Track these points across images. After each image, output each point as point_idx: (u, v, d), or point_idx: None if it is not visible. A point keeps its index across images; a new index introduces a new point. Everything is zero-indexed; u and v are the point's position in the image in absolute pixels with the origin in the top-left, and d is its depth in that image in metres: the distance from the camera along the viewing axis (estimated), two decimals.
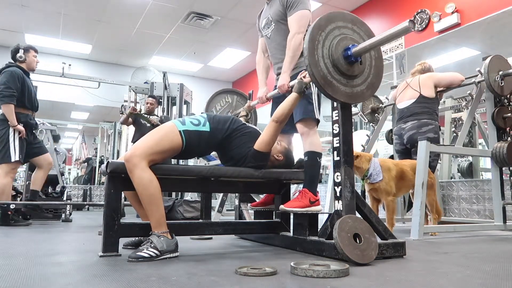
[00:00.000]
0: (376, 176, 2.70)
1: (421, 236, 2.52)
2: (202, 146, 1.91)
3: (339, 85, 1.67)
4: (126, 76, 7.22)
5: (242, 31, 6.79)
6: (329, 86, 1.64)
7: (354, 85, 1.72)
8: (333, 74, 1.66)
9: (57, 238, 2.61)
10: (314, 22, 1.68)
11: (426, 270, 1.45)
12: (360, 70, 1.73)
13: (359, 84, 1.74)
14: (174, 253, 1.71)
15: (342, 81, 1.68)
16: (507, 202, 2.99)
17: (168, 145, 1.79)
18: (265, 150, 1.92)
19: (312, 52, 1.62)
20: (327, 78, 1.64)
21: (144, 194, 1.68)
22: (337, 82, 1.66)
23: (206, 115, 1.98)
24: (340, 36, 1.70)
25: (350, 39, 1.71)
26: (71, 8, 6.07)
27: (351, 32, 1.75)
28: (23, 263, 1.54)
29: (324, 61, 1.65)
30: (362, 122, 5.47)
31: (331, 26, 1.70)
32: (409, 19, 1.45)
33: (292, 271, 1.34)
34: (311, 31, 1.64)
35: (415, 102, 3.18)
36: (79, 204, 6.13)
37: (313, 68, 1.61)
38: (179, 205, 4.06)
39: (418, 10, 4.91)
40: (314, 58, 1.62)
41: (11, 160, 3.41)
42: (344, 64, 1.68)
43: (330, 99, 1.72)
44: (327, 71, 1.64)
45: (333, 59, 1.66)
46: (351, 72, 1.69)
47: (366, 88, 1.76)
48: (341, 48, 1.68)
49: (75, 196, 7.21)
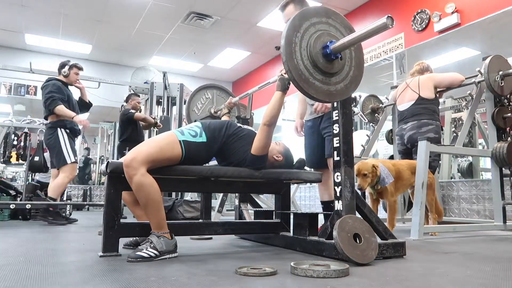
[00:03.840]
0: (387, 179, 2.68)
1: (421, 236, 2.52)
2: (201, 155, 1.89)
3: (322, 85, 1.61)
4: (126, 76, 7.22)
5: (242, 31, 6.79)
6: (312, 88, 1.58)
7: (337, 82, 1.66)
8: (315, 75, 1.60)
9: (57, 238, 2.61)
10: (288, 22, 1.60)
11: (426, 270, 1.45)
12: (341, 66, 1.67)
13: (342, 80, 1.68)
14: (174, 254, 1.71)
15: (324, 81, 1.62)
16: (507, 202, 2.99)
17: (169, 154, 1.78)
18: (261, 154, 1.91)
19: (290, 56, 1.55)
20: (309, 80, 1.58)
21: (145, 199, 1.67)
22: (319, 82, 1.61)
23: (201, 124, 1.96)
24: (316, 33, 1.62)
25: (327, 34, 1.65)
26: (71, 8, 6.07)
27: (327, 26, 1.68)
28: (23, 263, 1.54)
29: (304, 63, 1.58)
30: (362, 122, 5.47)
31: (306, 24, 1.62)
32: (387, 15, 1.40)
33: (292, 271, 1.34)
34: (286, 33, 1.56)
35: (415, 104, 3.19)
36: (79, 204, 6.14)
37: (294, 72, 1.55)
38: (179, 205, 4.06)
39: (418, 10, 4.91)
40: (293, 62, 1.55)
41: (67, 163, 3.63)
42: (325, 63, 1.61)
43: (314, 100, 1.68)
44: (308, 73, 1.58)
45: (312, 60, 1.59)
46: (332, 70, 1.64)
47: (350, 83, 1.70)
48: (319, 46, 1.61)
49: (75, 196, 7.22)
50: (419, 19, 4.89)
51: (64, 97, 3.68)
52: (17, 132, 5.08)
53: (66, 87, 3.85)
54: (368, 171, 2.61)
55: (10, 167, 11.05)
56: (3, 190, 4.44)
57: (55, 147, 3.63)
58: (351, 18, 6.01)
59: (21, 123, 5.20)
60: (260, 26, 6.48)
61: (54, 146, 3.64)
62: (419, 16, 4.90)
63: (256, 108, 5.78)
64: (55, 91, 3.64)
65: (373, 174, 2.63)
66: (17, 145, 4.99)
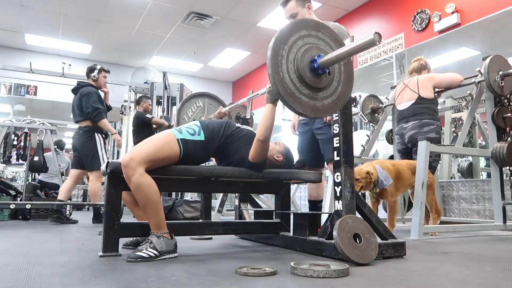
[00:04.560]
0: (385, 181, 2.68)
1: (421, 236, 2.52)
2: (199, 154, 1.88)
3: (308, 100, 1.57)
4: (126, 76, 7.22)
5: (242, 31, 6.78)
6: (298, 103, 1.54)
7: (324, 97, 1.62)
8: (301, 90, 1.56)
9: (57, 238, 2.61)
10: (275, 35, 1.56)
11: (426, 270, 1.45)
12: (329, 81, 1.63)
13: (330, 95, 1.64)
14: (173, 254, 1.71)
15: (311, 96, 1.58)
16: (507, 202, 2.99)
17: (168, 153, 1.77)
18: (259, 161, 1.90)
19: (276, 69, 1.51)
20: (295, 95, 1.54)
21: (144, 199, 1.67)
22: (306, 97, 1.56)
23: (200, 123, 1.95)
24: (304, 46, 1.58)
25: (316, 48, 1.61)
26: (71, 8, 6.07)
27: (316, 40, 1.64)
28: (23, 263, 1.54)
29: (290, 77, 1.54)
30: (362, 122, 5.47)
31: (294, 37, 1.58)
32: (375, 31, 1.38)
33: (292, 271, 1.34)
34: (273, 45, 1.52)
35: (415, 103, 3.19)
36: (79, 204, 6.14)
37: (279, 86, 1.51)
38: (179, 205, 4.06)
39: (418, 10, 4.91)
40: (279, 75, 1.51)
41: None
42: (312, 77, 1.57)
43: (299, 115, 1.65)
44: (294, 87, 1.54)
45: (299, 74, 1.55)
46: (319, 85, 1.59)
47: (338, 98, 1.66)
48: (306, 60, 1.57)
49: (75, 196, 7.21)
50: (419, 19, 4.89)
51: (104, 107, 3.85)
52: (17, 132, 5.08)
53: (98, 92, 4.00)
54: (361, 176, 2.60)
55: (10, 167, 11.05)
56: (3, 190, 4.44)
57: (92, 151, 3.72)
58: (351, 18, 6.01)
59: (21, 123, 5.19)
60: (260, 26, 6.48)
61: (90, 150, 3.72)
62: (419, 16, 4.90)
63: (256, 108, 5.77)
64: (98, 102, 3.77)
65: (366, 181, 2.62)
66: (17, 145, 4.98)
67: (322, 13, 5.88)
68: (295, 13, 2.45)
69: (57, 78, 6.00)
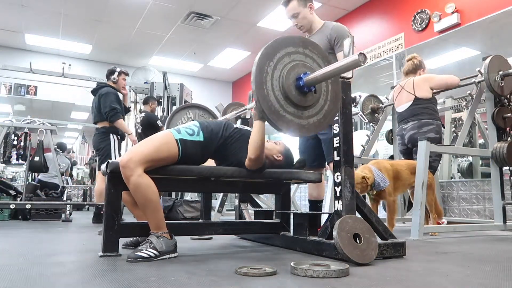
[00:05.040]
0: (382, 183, 2.68)
1: (421, 236, 2.52)
2: (198, 155, 1.88)
3: (293, 118, 1.54)
4: None
5: (242, 31, 6.78)
6: (282, 121, 1.51)
7: (310, 115, 1.59)
8: (286, 107, 1.53)
9: (57, 238, 2.61)
10: (260, 50, 1.53)
11: (426, 270, 1.45)
12: (315, 99, 1.60)
13: (316, 114, 1.61)
14: (173, 254, 1.71)
15: (296, 114, 1.55)
16: (507, 202, 2.99)
17: (166, 153, 1.76)
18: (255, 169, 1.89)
19: (260, 86, 1.47)
20: (279, 113, 1.51)
21: (143, 200, 1.66)
22: (290, 115, 1.53)
23: (199, 124, 1.94)
24: (291, 63, 1.56)
25: (302, 65, 1.58)
26: (71, 8, 6.07)
27: (303, 57, 1.62)
28: (23, 263, 1.54)
29: (275, 94, 1.51)
30: (362, 122, 5.47)
31: (280, 54, 1.55)
32: (359, 52, 1.37)
33: (292, 271, 1.34)
34: (258, 62, 1.49)
35: (412, 104, 3.19)
36: (79, 204, 6.14)
37: (263, 103, 1.47)
38: (179, 205, 4.07)
39: (418, 10, 4.91)
40: (263, 92, 1.47)
41: None
42: (297, 95, 1.54)
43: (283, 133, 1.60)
44: (278, 105, 1.51)
45: (284, 91, 1.52)
46: (305, 103, 1.56)
47: (324, 117, 1.63)
48: (292, 77, 1.54)
49: (75, 196, 7.22)
50: (419, 19, 4.89)
51: (122, 108, 3.87)
52: (17, 132, 5.08)
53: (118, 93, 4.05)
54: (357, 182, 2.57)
55: (10, 167, 11.05)
56: (3, 190, 4.44)
57: (106, 151, 3.76)
58: (351, 18, 6.01)
59: (21, 123, 5.19)
60: (260, 26, 6.48)
61: (104, 150, 3.77)
62: (419, 16, 4.90)
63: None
64: (115, 102, 3.81)
65: (362, 185, 2.61)
66: (17, 145, 4.99)
67: (322, 13, 5.87)
68: (296, 13, 2.45)
69: (57, 78, 6.00)
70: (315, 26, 2.52)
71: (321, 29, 2.49)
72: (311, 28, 2.53)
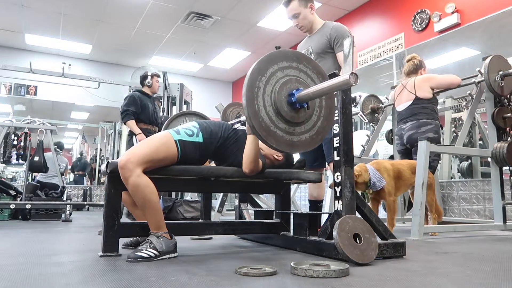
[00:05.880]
0: (378, 182, 2.68)
1: (421, 236, 2.52)
2: (197, 156, 1.87)
3: (284, 134, 1.51)
4: (126, 76, 7.22)
5: (242, 31, 6.78)
6: (273, 138, 1.47)
7: (302, 132, 1.56)
8: (277, 123, 1.49)
9: (57, 238, 2.61)
10: (253, 65, 1.50)
11: (426, 270, 1.45)
12: (308, 115, 1.58)
13: (308, 130, 1.59)
14: (173, 254, 1.71)
15: (287, 130, 1.52)
16: (507, 202, 2.99)
17: (165, 154, 1.76)
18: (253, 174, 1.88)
19: (251, 102, 1.44)
20: (270, 129, 1.47)
21: (142, 200, 1.66)
22: (281, 131, 1.50)
23: (198, 125, 1.94)
24: (283, 78, 1.52)
25: (296, 81, 1.55)
26: (71, 8, 6.07)
27: (297, 72, 1.58)
28: (23, 263, 1.54)
29: (266, 110, 1.48)
30: (362, 122, 5.47)
31: (273, 69, 1.52)
32: (351, 72, 1.34)
33: (292, 271, 1.34)
34: (249, 77, 1.46)
35: (412, 104, 3.19)
36: (79, 204, 6.14)
37: (253, 119, 1.43)
38: (179, 205, 4.06)
39: (418, 10, 4.91)
40: (253, 108, 1.44)
41: None
42: (289, 111, 1.51)
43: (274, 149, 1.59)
44: (269, 121, 1.48)
45: (276, 107, 1.49)
46: (297, 119, 1.53)
47: (316, 134, 1.61)
48: (284, 93, 1.51)
49: (75, 196, 7.22)
50: (419, 19, 4.89)
51: (137, 109, 3.93)
52: (17, 132, 5.08)
53: (148, 97, 4.12)
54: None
55: (10, 167, 11.05)
56: (3, 190, 4.44)
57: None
58: (351, 18, 6.01)
59: (21, 123, 5.19)
60: (260, 26, 6.47)
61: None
62: (419, 16, 4.90)
63: None
64: (130, 104, 3.93)
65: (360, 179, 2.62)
66: (17, 145, 4.99)
67: (322, 13, 5.85)
68: (297, 13, 2.45)
69: (57, 78, 6.01)
70: (315, 26, 2.53)
71: (322, 29, 2.49)
72: (312, 28, 2.53)
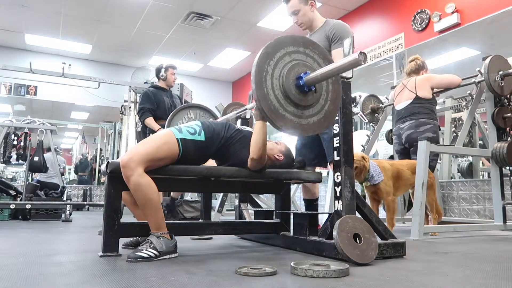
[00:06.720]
0: (377, 176, 2.69)
1: (421, 236, 2.52)
2: (198, 155, 1.88)
3: (293, 117, 1.54)
4: (126, 76, 7.22)
5: (242, 31, 6.78)
6: (281, 121, 1.51)
7: (310, 115, 1.59)
8: (285, 107, 1.53)
9: (57, 238, 2.61)
10: (261, 49, 1.53)
11: (426, 270, 1.45)
12: (316, 99, 1.60)
13: (316, 114, 1.61)
14: (174, 254, 1.71)
15: (295, 113, 1.54)
16: (507, 202, 2.99)
17: (167, 152, 1.76)
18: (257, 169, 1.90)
19: (260, 85, 1.47)
20: (278, 112, 1.51)
21: (143, 199, 1.66)
22: (290, 114, 1.53)
23: (201, 123, 1.94)
24: (291, 63, 1.56)
25: (303, 65, 1.57)
26: (71, 8, 6.07)
27: (304, 57, 1.61)
28: (23, 263, 1.54)
29: (275, 93, 1.51)
30: (362, 122, 5.47)
31: (281, 53, 1.55)
32: (360, 51, 1.37)
33: (292, 271, 1.34)
34: (258, 61, 1.49)
35: (412, 103, 3.19)
36: (79, 204, 6.14)
37: (262, 102, 1.47)
38: (179, 205, 4.06)
39: (418, 10, 4.91)
40: (262, 91, 1.48)
41: None
42: (297, 94, 1.54)
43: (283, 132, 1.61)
44: (278, 104, 1.51)
45: (284, 90, 1.52)
46: (305, 102, 1.56)
47: (324, 117, 1.63)
48: (292, 77, 1.54)
49: (75, 196, 7.22)
50: (419, 19, 4.89)
51: (152, 106, 3.92)
52: (17, 132, 5.08)
53: (163, 90, 4.08)
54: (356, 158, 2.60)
55: (10, 167, 11.06)
56: (3, 190, 4.44)
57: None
58: (351, 18, 6.01)
59: (21, 123, 5.19)
60: (260, 26, 6.47)
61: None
62: (419, 16, 4.90)
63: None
64: (145, 101, 3.94)
65: (361, 164, 2.63)
66: (17, 145, 4.99)
67: (322, 13, 5.81)
68: (297, 9, 2.44)
69: (57, 78, 6.00)
70: (316, 24, 2.51)
71: (323, 27, 2.48)
72: (312, 26, 2.52)
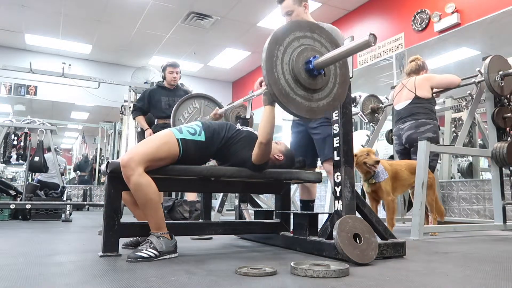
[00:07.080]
0: (382, 174, 2.70)
1: (421, 236, 2.52)
2: (198, 155, 1.88)
3: (303, 100, 1.57)
4: (126, 76, 7.22)
5: (242, 31, 6.78)
6: (293, 104, 1.54)
7: (319, 98, 1.62)
8: (296, 90, 1.56)
9: (57, 238, 2.61)
10: (270, 35, 1.56)
11: (426, 270, 1.45)
12: (325, 82, 1.63)
13: (325, 97, 1.64)
14: (173, 254, 1.71)
15: (306, 97, 1.58)
16: (507, 202, 2.99)
17: (166, 153, 1.76)
18: (262, 162, 1.90)
19: (270, 70, 1.51)
20: (289, 95, 1.54)
21: (143, 199, 1.66)
22: (301, 98, 1.56)
23: (201, 123, 1.94)
24: (300, 47, 1.58)
25: (311, 49, 1.60)
26: (71, 8, 6.07)
27: (312, 41, 1.64)
28: (23, 263, 1.54)
29: (285, 77, 1.54)
30: (362, 122, 5.47)
31: (289, 38, 1.58)
32: (370, 33, 1.38)
33: (292, 271, 1.34)
34: (268, 46, 1.52)
35: (411, 103, 3.19)
36: (79, 204, 6.14)
37: (274, 86, 1.50)
38: (179, 205, 4.06)
39: (418, 10, 4.91)
40: (273, 76, 1.51)
41: None
42: (307, 78, 1.57)
43: (294, 116, 1.64)
44: (289, 88, 1.54)
45: (294, 74, 1.55)
46: (315, 86, 1.59)
47: (333, 100, 1.66)
48: (302, 61, 1.57)
49: (75, 196, 7.22)
50: (419, 19, 4.89)
51: (143, 105, 4.01)
52: (17, 132, 5.08)
53: (165, 90, 4.17)
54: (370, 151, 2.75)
55: (10, 167, 11.06)
56: (3, 190, 4.44)
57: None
58: (351, 18, 6.01)
59: (21, 123, 5.20)
60: (260, 26, 6.47)
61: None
62: (419, 16, 4.90)
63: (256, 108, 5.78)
64: (138, 100, 4.08)
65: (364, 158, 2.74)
66: (17, 145, 4.99)
67: (322, 13, 5.87)
68: (291, 10, 2.45)
69: (57, 78, 6.00)
70: None
71: None
72: None
